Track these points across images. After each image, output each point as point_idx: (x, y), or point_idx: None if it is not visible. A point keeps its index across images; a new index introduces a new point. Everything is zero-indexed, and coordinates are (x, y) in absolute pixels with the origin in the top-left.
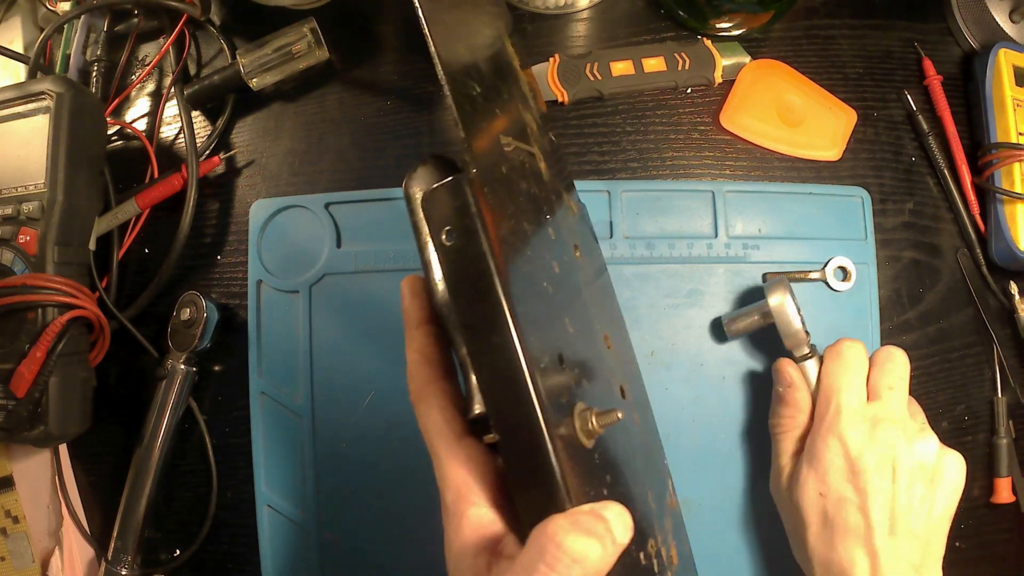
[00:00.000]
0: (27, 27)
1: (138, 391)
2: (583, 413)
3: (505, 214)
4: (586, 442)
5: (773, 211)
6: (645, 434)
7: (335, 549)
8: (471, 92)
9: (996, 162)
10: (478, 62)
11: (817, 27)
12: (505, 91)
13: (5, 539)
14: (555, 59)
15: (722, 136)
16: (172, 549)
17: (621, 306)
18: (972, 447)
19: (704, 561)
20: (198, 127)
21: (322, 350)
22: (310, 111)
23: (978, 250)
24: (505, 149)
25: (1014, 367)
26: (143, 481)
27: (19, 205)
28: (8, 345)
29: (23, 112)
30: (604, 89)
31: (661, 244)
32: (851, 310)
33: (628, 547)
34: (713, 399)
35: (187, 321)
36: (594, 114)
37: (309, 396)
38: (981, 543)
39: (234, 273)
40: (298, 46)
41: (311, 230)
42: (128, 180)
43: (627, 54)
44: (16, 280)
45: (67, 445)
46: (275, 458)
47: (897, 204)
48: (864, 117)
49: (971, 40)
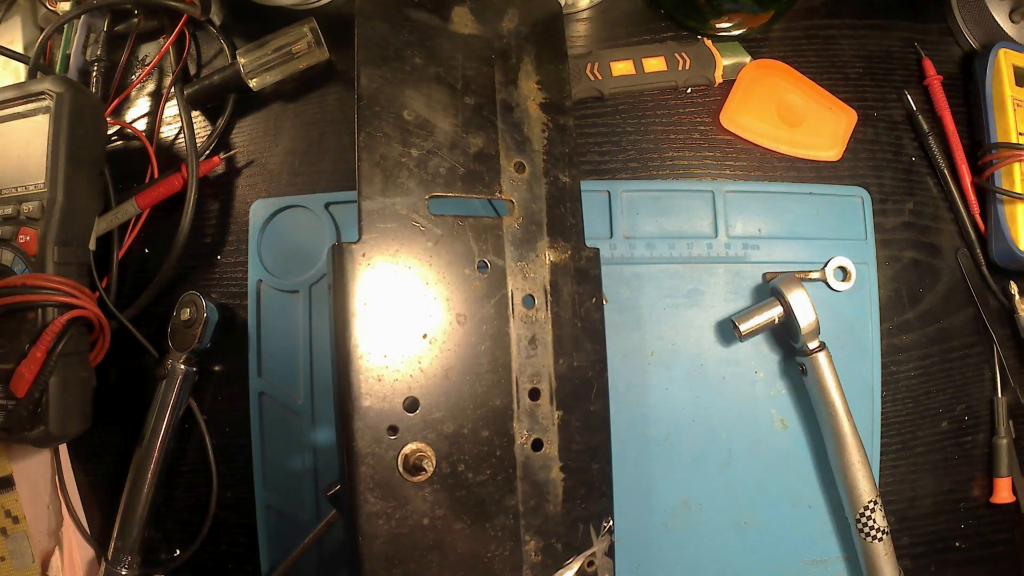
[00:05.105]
0: (27, 27)
1: (138, 391)
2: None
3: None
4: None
5: (773, 211)
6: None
7: (335, 549)
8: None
9: (996, 162)
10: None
11: (817, 27)
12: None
13: (5, 539)
14: None
15: (722, 136)
16: (172, 549)
17: (621, 306)
18: (972, 447)
19: (704, 561)
20: (198, 127)
21: (322, 350)
22: (310, 111)
23: (978, 250)
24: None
25: (1014, 367)
26: (143, 481)
27: (19, 205)
28: (8, 345)
29: (23, 112)
30: (604, 89)
31: (661, 244)
32: (851, 310)
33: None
34: (713, 399)
35: (187, 321)
36: (594, 114)
37: (309, 396)
38: (981, 543)
39: (234, 273)
40: (298, 46)
41: (311, 230)
42: (128, 180)
43: (627, 54)
44: (16, 280)
45: (67, 445)
46: (275, 458)
47: (897, 204)
48: (864, 117)
49: (971, 40)
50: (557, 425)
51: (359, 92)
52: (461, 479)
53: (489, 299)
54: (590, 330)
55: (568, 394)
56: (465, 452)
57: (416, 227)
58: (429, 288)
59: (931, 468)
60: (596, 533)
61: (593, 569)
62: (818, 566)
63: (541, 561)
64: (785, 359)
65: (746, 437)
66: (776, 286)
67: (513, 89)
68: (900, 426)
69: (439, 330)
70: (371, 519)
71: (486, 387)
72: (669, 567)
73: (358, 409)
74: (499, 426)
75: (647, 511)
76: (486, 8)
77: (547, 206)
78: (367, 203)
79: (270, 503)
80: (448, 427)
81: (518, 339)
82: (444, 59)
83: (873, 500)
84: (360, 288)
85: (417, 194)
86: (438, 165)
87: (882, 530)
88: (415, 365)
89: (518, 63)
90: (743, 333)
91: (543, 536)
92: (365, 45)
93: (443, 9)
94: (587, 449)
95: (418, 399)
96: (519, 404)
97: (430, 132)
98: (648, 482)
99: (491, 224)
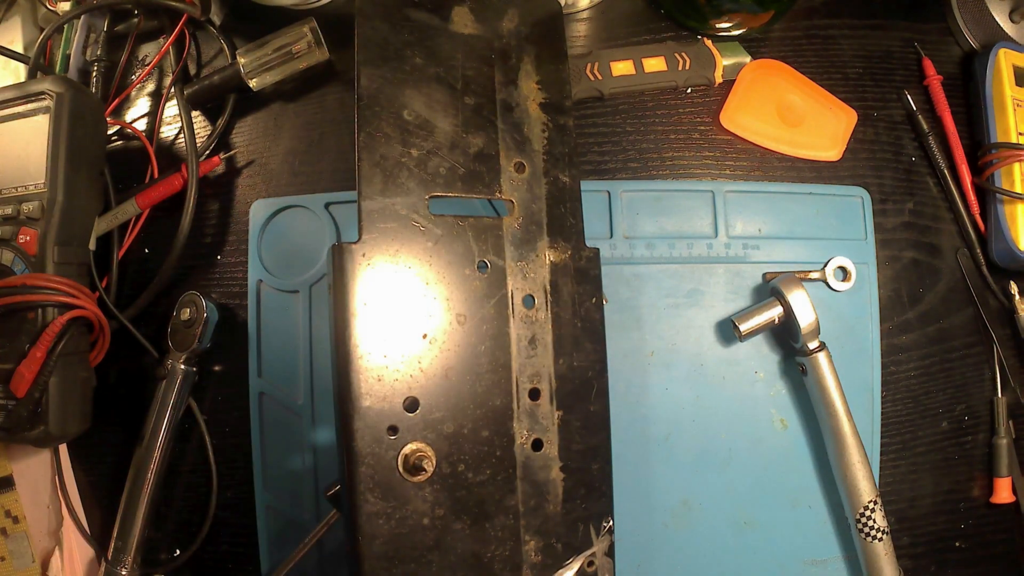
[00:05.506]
0: (27, 27)
1: (138, 391)
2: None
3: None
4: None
5: (773, 211)
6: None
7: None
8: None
9: (996, 162)
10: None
11: (817, 27)
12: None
13: (5, 539)
14: None
15: (722, 136)
16: (172, 549)
17: (621, 306)
18: (972, 447)
19: (704, 561)
20: (198, 127)
21: (322, 350)
22: (310, 111)
23: (978, 250)
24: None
25: (1014, 367)
26: (143, 481)
27: (19, 205)
28: (8, 345)
29: (23, 112)
30: (604, 89)
31: (661, 244)
32: (851, 310)
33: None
34: (713, 399)
35: (187, 321)
36: (594, 114)
37: (309, 396)
38: (981, 543)
39: (234, 273)
40: (298, 46)
41: (311, 230)
42: (128, 180)
43: (627, 54)
44: (16, 280)
45: (67, 445)
46: (275, 458)
47: (897, 204)
48: (864, 117)
49: (971, 40)
50: (557, 425)
51: (359, 92)
52: (461, 479)
53: (489, 299)
54: (590, 330)
55: (568, 394)
56: (465, 452)
57: (416, 227)
58: (429, 288)
59: (931, 468)
60: (596, 533)
61: (593, 569)
62: (818, 566)
63: (541, 561)
64: (785, 359)
65: (746, 437)
66: (776, 286)
67: (513, 89)
68: (900, 426)
69: (439, 330)
70: (371, 519)
71: (486, 387)
72: (669, 567)
73: (358, 409)
74: (499, 426)
75: (647, 511)
76: (486, 8)
77: (547, 206)
78: (367, 203)
79: (270, 503)
80: (448, 427)
81: (518, 339)
82: (444, 59)
83: (873, 500)
84: (360, 288)
85: (417, 194)
86: (438, 165)
87: (882, 530)
88: (415, 365)
89: (518, 63)
90: (743, 333)
91: (543, 536)
92: (365, 45)
93: (443, 9)
94: (587, 449)
95: (418, 399)
96: (519, 404)
97: (430, 132)
98: (648, 482)
99: (491, 224)
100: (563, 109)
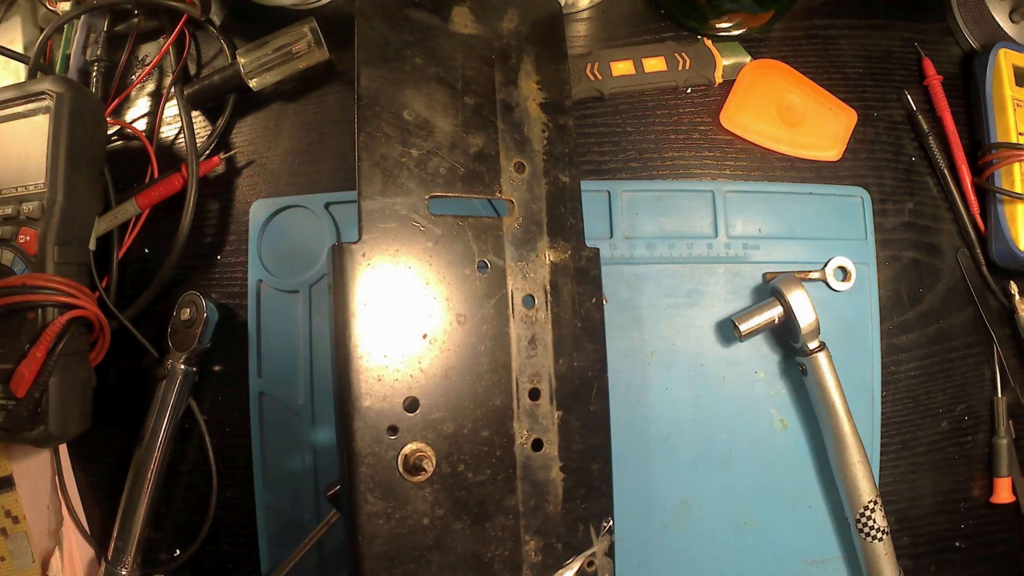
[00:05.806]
0: (27, 27)
1: (138, 391)
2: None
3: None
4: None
5: (773, 211)
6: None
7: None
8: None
9: (996, 162)
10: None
11: (817, 27)
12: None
13: (5, 539)
14: None
15: (722, 136)
16: (172, 549)
17: (621, 306)
18: (972, 447)
19: (704, 561)
20: (198, 127)
21: (322, 350)
22: (310, 111)
23: (978, 250)
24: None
25: (1014, 367)
26: (143, 481)
27: (19, 205)
28: (8, 345)
29: (23, 112)
30: (604, 89)
31: (661, 244)
32: (851, 310)
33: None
34: (713, 399)
35: (187, 321)
36: (594, 114)
37: (309, 396)
38: (981, 543)
39: (234, 273)
40: (298, 46)
41: (311, 230)
42: (128, 180)
43: (627, 54)
44: (16, 280)
45: (67, 445)
46: (275, 458)
47: (897, 204)
48: (864, 117)
49: (971, 40)
50: (557, 425)
51: (359, 92)
52: (461, 479)
53: (489, 299)
54: (590, 330)
55: (568, 394)
56: (465, 452)
57: (416, 227)
58: (429, 288)
59: (931, 468)
60: (596, 533)
61: (593, 569)
62: (818, 566)
63: (541, 561)
64: (785, 359)
65: (746, 437)
66: (776, 286)
67: (513, 89)
68: (900, 426)
69: (439, 330)
70: (371, 519)
71: (486, 387)
72: (669, 567)
73: (358, 409)
74: (499, 426)
75: (647, 511)
76: (486, 8)
77: (547, 206)
78: (367, 203)
79: (270, 503)
80: (448, 427)
81: (518, 339)
82: (444, 59)
83: (873, 500)
84: (360, 288)
85: (417, 194)
86: (438, 165)
87: (882, 530)
88: (415, 365)
89: (518, 63)
90: (743, 333)
91: (543, 536)
92: (365, 45)
93: (443, 9)
94: (587, 449)
95: (418, 399)
96: (519, 404)
97: (430, 132)
98: (648, 482)
99: (491, 224)
100: (563, 109)
